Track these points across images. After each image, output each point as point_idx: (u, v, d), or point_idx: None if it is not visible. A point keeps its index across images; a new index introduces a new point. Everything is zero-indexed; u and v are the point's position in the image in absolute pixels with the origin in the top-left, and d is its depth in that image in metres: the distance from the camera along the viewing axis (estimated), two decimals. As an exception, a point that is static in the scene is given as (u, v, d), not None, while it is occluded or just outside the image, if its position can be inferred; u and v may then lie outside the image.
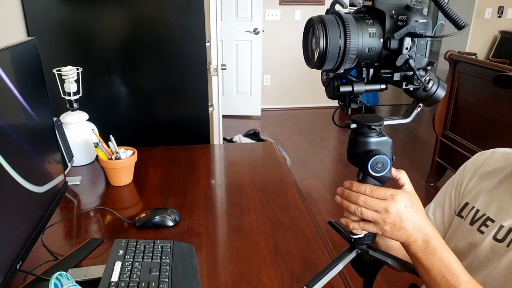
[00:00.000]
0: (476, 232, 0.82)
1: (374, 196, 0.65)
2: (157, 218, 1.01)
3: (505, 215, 0.79)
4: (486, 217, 0.82)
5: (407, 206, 0.65)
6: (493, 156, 0.89)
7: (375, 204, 0.65)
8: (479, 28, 4.90)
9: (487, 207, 0.83)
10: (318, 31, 0.57)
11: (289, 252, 0.93)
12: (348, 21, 0.58)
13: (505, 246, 0.77)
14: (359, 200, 0.65)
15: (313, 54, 0.61)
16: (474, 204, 0.85)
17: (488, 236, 0.80)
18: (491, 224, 0.81)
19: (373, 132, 0.65)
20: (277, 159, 1.47)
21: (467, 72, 2.67)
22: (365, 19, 0.60)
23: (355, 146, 0.66)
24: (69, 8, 1.46)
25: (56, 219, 1.05)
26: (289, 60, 4.73)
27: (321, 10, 4.54)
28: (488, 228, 0.81)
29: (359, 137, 0.66)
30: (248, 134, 3.37)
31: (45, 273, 0.83)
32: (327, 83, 0.66)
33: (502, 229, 0.78)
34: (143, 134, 1.67)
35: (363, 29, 0.59)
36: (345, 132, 4.23)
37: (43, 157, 0.93)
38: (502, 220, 0.79)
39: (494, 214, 0.81)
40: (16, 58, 0.81)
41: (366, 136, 0.65)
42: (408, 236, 0.66)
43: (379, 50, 0.60)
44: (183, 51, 1.56)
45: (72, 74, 1.32)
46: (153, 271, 0.79)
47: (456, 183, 0.93)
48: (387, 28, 0.59)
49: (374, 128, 0.64)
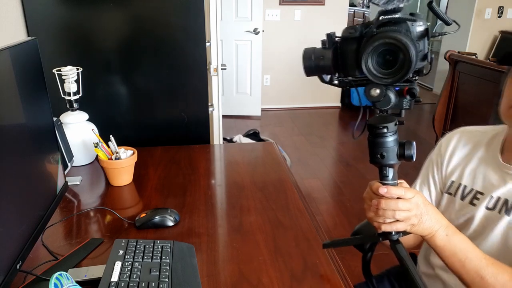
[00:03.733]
0: (469, 206, 0.92)
1: (407, 197, 0.72)
2: (157, 218, 1.01)
3: (492, 186, 0.89)
4: (475, 191, 0.92)
5: (424, 201, 0.75)
6: (463, 136, 0.99)
7: (408, 205, 0.72)
8: (479, 28, 4.90)
9: (473, 183, 0.93)
10: (404, 50, 0.62)
11: (289, 252, 0.93)
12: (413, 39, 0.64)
13: (497, 213, 0.87)
14: (399, 205, 0.72)
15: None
16: (460, 181, 0.95)
17: (480, 207, 0.89)
18: (481, 197, 0.90)
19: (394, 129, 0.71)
20: (277, 159, 1.47)
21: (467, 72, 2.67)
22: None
23: (388, 147, 0.71)
24: (69, 8, 1.46)
25: (56, 219, 1.05)
26: (289, 60, 4.73)
27: (321, 10, 4.55)
28: (479, 201, 0.90)
29: (390, 136, 0.71)
30: (248, 134, 3.37)
31: (45, 273, 0.83)
32: (383, 96, 0.69)
33: (492, 199, 0.88)
34: (143, 134, 1.67)
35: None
36: (345, 132, 4.23)
37: (43, 157, 0.93)
38: (490, 191, 0.89)
39: (482, 187, 0.91)
40: (16, 58, 0.81)
41: (395, 133, 0.71)
42: (431, 226, 0.75)
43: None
44: (183, 51, 1.56)
45: (72, 74, 1.32)
46: (153, 271, 0.79)
47: (436, 164, 1.01)
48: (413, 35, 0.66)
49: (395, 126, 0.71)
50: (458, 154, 0.97)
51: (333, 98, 4.97)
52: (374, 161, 0.73)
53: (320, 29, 4.62)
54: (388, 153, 0.71)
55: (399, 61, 0.64)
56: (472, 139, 0.97)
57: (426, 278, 1.03)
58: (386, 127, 0.70)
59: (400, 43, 0.63)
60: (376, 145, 0.72)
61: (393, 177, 0.74)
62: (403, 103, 0.70)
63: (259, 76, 4.49)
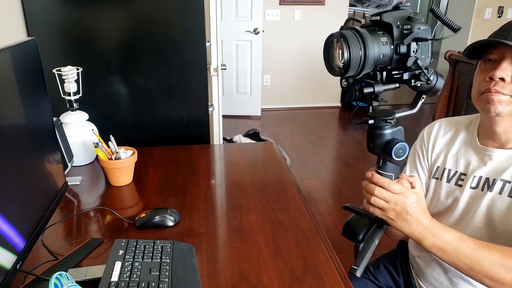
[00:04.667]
0: (455, 187, 1.00)
1: (390, 189, 0.79)
2: (157, 218, 1.01)
3: (473, 167, 0.97)
4: (459, 173, 1.00)
5: (414, 203, 0.80)
6: (442, 126, 1.07)
7: (387, 195, 0.80)
8: (479, 28, 4.90)
9: (456, 166, 1.01)
10: (342, 45, 0.70)
11: (289, 252, 0.93)
12: (365, 35, 0.70)
13: (480, 191, 0.94)
14: (375, 191, 0.80)
15: (336, 64, 0.74)
16: (444, 166, 1.03)
17: (465, 187, 0.97)
18: (464, 178, 0.98)
19: (388, 125, 0.76)
20: (277, 159, 1.47)
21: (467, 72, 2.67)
22: (376, 31, 0.72)
23: (375, 139, 0.77)
24: (69, 8, 1.46)
25: (56, 219, 1.05)
26: (289, 60, 4.73)
27: (321, 10, 4.54)
28: (464, 181, 0.98)
29: (378, 131, 0.77)
30: (248, 134, 3.37)
31: (45, 273, 0.83)
32: (348, 88, 0.78)
33: (475, 178, 0.96)
34: (143, 134, 1.67)
35: (376, 39, 0.71)
36: (345, 133, 4.23)
37: (43, 157, 0.93)
38: (472, 172, 0.97)
39: (464, 169, 0.99)
40: (16, 58, 0.81)
41: (384, 129, 0.76)
42: (412, 229, 0.82)
43: (391, 55, 0.72)
44: (183, 51, 1.56)
45: (72, 74, 1.32)
46: (153, 271, 0.79)
47: (421, 153, 1.09)
48: (395, 37, 0.72)
49: (389, 121, 0.75)
50: (440, 141, 1.06)
51: (333, 98, 4.97)
52: (368, 149, 0.80)
53: (320, 29, 4.62)
54: (374, 144, 0.78)
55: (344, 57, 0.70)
56: (451, 126, 1.06)
57: (423, 263, 1.08)
58: (373, 119, 0.76)
59: (340, 39, 0.69)
60: (368, 135, 0.78)
61: (390, 169, 0.80)
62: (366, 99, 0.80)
63: (259, 76, 4.49)
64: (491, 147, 0.95)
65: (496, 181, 0.92)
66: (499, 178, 0.92)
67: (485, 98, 0.88)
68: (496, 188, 0.92)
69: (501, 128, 0.91)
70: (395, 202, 0.79)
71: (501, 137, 0.93)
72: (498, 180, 0.92)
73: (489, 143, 0.95)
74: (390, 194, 0.79)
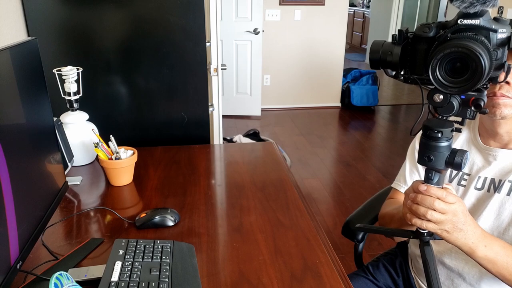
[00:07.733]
0: (457, 187, 0.98)
1: (447, 200, 0.74)
2: (157, 218, 1.01)
3: (477, 168, 0.95)
4: (462, 173, 0.98)
5: (466, 211, 0.77)
6: None
7: (445, 207, 0.74)
8: (479, 28, 4.90)
9: None
10: (476, 60, 0.61)
11: (289, 252, 0.93)
12: (489, 48, 0.62)
13: (486, 192, 0.93)
14: (435, 204, 0.73)
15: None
16: None
17: (469, 188, 0.95)
18: (468, 178, 0.97)
19: (452, 134, 0.69)
20: (277, 159, 1.47)
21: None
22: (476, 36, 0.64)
23: (437, 152, 0.70)
24: (69, 8, 1.46)
25: (56, 219, 1.05)
26: (289, 60, 4.73)
27: (321, 10, 4.55)
28: (467, 182, 0.97)
29: (443, 142, 0.69)
30: (248, 134, 3.37)
31: (45, 273, 0.83)
32: (446, 102, 0.67)
33: (480, 179, 0.94)
34: (143, 134, 1.67)
35: (484, 45, 0.63)
36: (345, 133, 4.23)
37: (43, 157, 0.93)
38: (477, 173, 0.95)
39: (468, 169, 0.97)
40: (16, 58, 0.81)
41: (449, 140, 0.69)
42: (468, 241, 0.77)
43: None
44: (183, 51, 1.56)
45: (72, 74, 1.32)
46: (153, 271, 0.79)
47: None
48: (492, 42, 0.64)
49: (452, 131, 0.69)
50: None
51: (333, 98, 4.97)
52: (421, 162, 0.72)
53: (320, 29, 4.62)
54: (436, 157, 0.70)
55: (470, 71, 0.61)
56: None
57: None
58: (440, 131, 0.68)
59: (473, 53, 0.59)
60: (427, 147, 0.70)
61: (438, 181, 0.74)
62: (466, 113, 0.67)
63: (259, 76, 4.49)
64: (494, 147, 0.94)
65: (504, 182, 0.91)
66: (507, 179, 0.91)
67: (490, 102, 0.86)
68: (504, 189, 0.91)
69: (504, 130, 0.91)
70: (453, 213, 0.74)
71: (503, 138, 0.92)
72: (506, 181, 0.91)
73: (492, 143, 0.95)
74: (447, 205, 0.74)
